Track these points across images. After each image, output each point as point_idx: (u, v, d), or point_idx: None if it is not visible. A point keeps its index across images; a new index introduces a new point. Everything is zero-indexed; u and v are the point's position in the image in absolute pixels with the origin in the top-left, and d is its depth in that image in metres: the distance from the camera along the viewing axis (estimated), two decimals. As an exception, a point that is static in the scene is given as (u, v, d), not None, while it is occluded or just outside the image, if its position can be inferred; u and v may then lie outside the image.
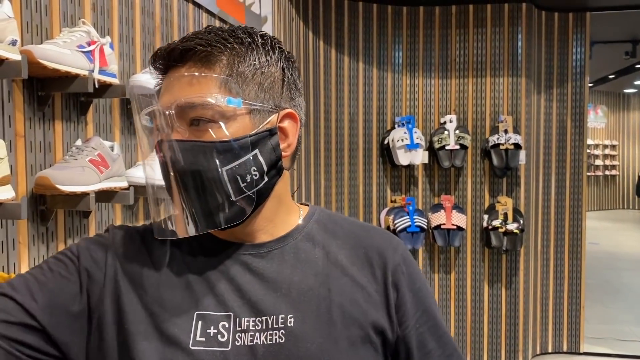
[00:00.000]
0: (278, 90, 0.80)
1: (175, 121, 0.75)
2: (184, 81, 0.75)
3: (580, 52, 4.25)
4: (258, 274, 0.79)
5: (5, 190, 1.18)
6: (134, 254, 0.81)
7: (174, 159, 0.74)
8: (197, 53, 0.76)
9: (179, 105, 0.75)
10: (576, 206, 4.32)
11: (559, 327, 4.36)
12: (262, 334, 0.75)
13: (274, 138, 0.79)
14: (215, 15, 2.39)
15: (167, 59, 0.77)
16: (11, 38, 1.17)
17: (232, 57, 0.77)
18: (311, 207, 0.90)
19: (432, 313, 0.86)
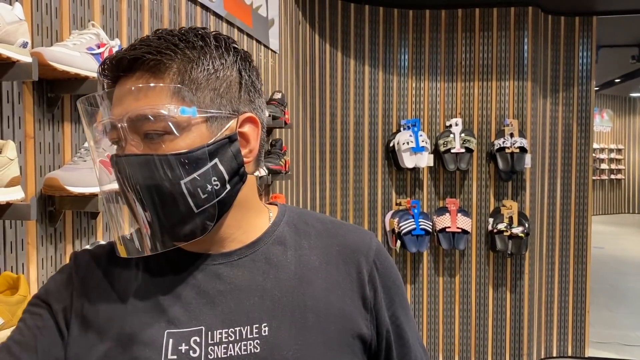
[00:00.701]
0: (235, 94, 0.76)
1: (129, 134, 0.72)
2: (134, 92, 0.72)
3: (587, 56, 4.24)
4: (229, 283, 0.77)
5: (15, 191, 1.19)
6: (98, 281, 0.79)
7: (130, 175, 0.71)
8: (146, 62, 0.72)
9: (130, 118, 0.71)
10: (582, 210, 4.31)
11: (563, 332, 4.35)
12: (236, 345, 0.73)
13: (234, 145, 0.75)
14: (222, 18, 2.40)
15: (116, 69, 0.73)
16: (22, 40, 1.19)
17: (184, 64, 0.73)
18: (280, 208, 0.87)
19: (406, 306, 0.87)
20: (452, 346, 4.13)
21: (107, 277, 0.80)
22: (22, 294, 1.22)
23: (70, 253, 0.85)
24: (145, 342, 0.73)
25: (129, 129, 0.71)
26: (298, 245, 0.82)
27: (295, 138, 3.36)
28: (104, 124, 0.74)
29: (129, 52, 0.72)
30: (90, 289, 0.79)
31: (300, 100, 3.48)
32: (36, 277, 1.38)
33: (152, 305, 0.76)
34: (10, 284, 1.24)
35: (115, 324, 0.75)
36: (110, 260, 0.81)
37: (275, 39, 3.00)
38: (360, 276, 0.81)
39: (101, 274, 0.80)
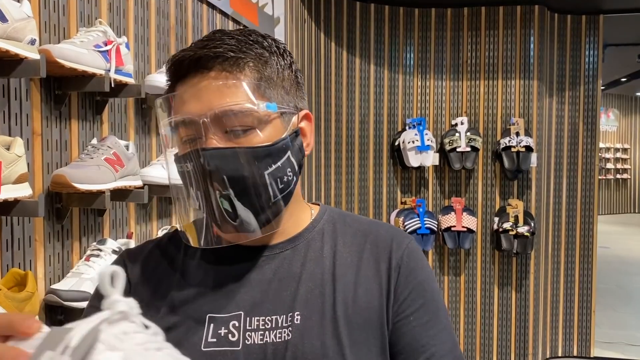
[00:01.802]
0: (295, 91, 0.82)
1: (211, 129, 0.74)
2: (216, 88, 0.74)
3: (593, 55, 4.22)
4: (270, 275, 0.81)
5: (22, 188, 1.19)
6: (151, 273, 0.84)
7: (218, 167, 0.73)
8: (227, 59, 0.75)
9: (217, 114, 0.73)
10: (587, 210, 4.30)
11: (569, 331, 4.33)
12: (271, 332, 0.77)
13: (299, 139, 0.81)
14: (228, 16, 2.40)
15: (195, 65, 0.75)
16: (30, 37, 1.19)
17: (258, 62, 0.77)
18: (322, 207, 0.91)
19: (433, 309, 0.83)
20: (457, 345, 4.12)
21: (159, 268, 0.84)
22: (30, 291, 1.23)
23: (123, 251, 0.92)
24: (189, 325, 0.77)
25: (212, 124, 0.74)
26: (334, 242, 0.85)
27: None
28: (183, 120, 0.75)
29: (210, 50, 0.74)
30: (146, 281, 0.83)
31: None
32: (43, 273, 1.38)
33: (199, 292, 0.80)
34: (17, 281, 1.25)
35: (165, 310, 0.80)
36: (163, 253, 0.86)
37: (280, 37, 3.00)
38: (388, 271, 0.83)
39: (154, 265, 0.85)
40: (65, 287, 1.36)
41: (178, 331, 0.77)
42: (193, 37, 2.12)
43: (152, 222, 1.87)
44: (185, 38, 2.07)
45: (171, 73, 0.78)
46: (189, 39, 2.09)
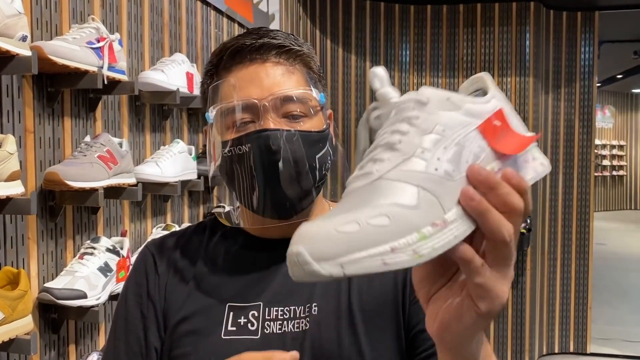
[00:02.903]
0: (325, 90, 0.87)
1: (271, 113, 0.78)
2: (277, 74, 0.79)
3: (589, 52, 4.22)
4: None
5: (14, 186, 1.19)
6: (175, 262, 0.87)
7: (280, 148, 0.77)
8: (285, 50, 0.80)
9: (278, 97, 0.78)
10: (583, 206, 4.30)
11: (565, 328, 4.34)
12: (290, 322, 0.79)
13: (331, 133, 0.85)
14: (223, 12, 2.40)
15: (255, 52, 0.79)
16: (21, 34, 1.18)
17: (308, 57, 0.83)
18: None
19: None
20: (453, 342, 4.12)
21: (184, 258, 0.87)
22: (23, 289, 1.22)
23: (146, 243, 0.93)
24: (209, 313, 0.80)
25: (272, 108, 0.78)
26: None
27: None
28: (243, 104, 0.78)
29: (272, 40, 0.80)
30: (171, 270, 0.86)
31: (302, 96, 3.47)
32: (37, 272, 1.37)
33: (220, 281, 0.83)
34: (10, 279, 1.24)
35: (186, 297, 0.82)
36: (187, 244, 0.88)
37: (276, 34, 2.99)
38: None
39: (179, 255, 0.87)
40: (59, 286, 1.35)
41: (199, 319, 0.80)
42: (187, 33, 2.11)
43: (146, 219, 1.86)
44: (179, 35, 2.06)
45: (228, 59, 0.80)
46: (182, 36, 2.09)
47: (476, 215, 0.45)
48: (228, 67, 0.81)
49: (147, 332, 0.83)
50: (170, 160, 1.77)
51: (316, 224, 0.42)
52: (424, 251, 0.42)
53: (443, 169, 0.45)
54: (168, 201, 1.98)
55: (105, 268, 1.45)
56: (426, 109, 0.47)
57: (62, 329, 1.45)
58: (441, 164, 0.45)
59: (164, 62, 1.80)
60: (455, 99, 0.48)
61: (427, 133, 0.46)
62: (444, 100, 0.48)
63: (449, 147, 0.46)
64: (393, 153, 0.46)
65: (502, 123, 0.49)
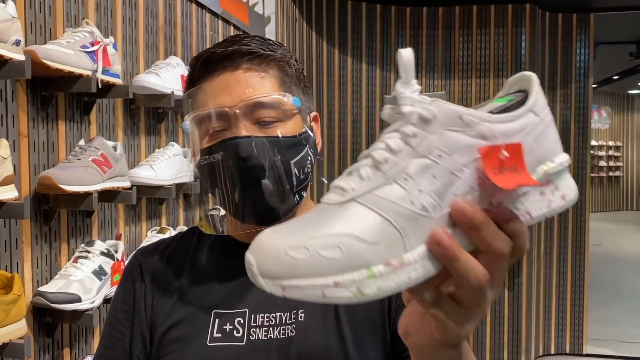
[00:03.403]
0: (306, 94, 0.86)
1: (243, 120, 0.78)
2: (246, 82, 0.78)
3: (584, 53, 4.24)
4: None
5: (8, 190, 1.19)
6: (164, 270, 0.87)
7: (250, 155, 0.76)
8: (256, 57, 0.80)
9: (247, 104, 0.77)
10: (579, 207, 4.31)
11: (561, 329, 4.35)
12: (275, 329, 0.79)
13: (312, 136, 0.85)
14: (218, 15, 2.40)
15: (226, 60, 0.79)
16: (15, 38, 1.18)
17: (283, 61, 0.82)
18: None
19: None
20: (450, 344, 4.13)
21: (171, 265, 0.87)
22: (16, 293, 1.22)
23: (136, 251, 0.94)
24: (194, 321, 0.81)
25: (243, 115, 0.77)
26: None
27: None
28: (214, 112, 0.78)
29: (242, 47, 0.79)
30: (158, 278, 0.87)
31: (298, 98, 3.47)
32: (31, 276, 1.37)
33: (206, 289, 0.83)
34: (4, 283, 1.24)
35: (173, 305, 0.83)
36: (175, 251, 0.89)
37: (272, 36, 2.99)
38: None
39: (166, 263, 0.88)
40: (53, 290, 1.35)
41: (185, 326, 0.81)
42: (182, 37, 2.12)
43: (141, 223, 1.86)
44: (174, 38, 2.06)
45: (199, 69, 0.81)
46: (177, 39, 2.09)
47: (443, 260, 0.41)
48: (202, 77, 0.81)
49: (132, 342, 0.84)
50: (165, 163, 1.78)
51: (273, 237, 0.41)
52: (368, 290, 0.39)
53: (421, 203, 0.41)
54: (163, 204, 1.98)
55: (99, 271, 1.45)
56: (429, 128, 0.42)
57: (56, 332, 1.45)
58: (421, 196, 0.41)
59: (159, 65, 1.80)
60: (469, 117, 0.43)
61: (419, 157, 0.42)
62: (455, 117, 0.43)
63: (439, 177, 0.42)
64: (375, 172, 0.42)
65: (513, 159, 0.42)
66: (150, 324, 0.84)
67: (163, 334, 0.82)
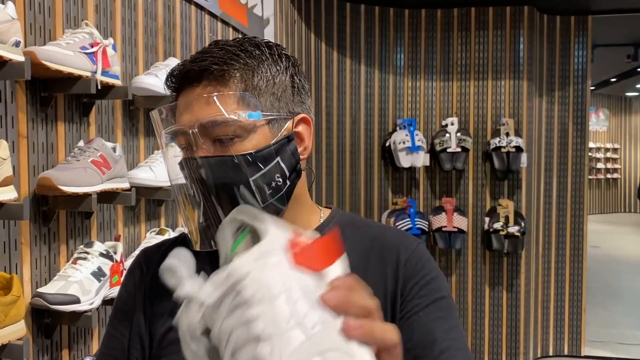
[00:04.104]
0: (290, 97, 0.84)
1: (200, 139, 0.78)
2: (203, 100, 0.78)
3: (582, 55, 4.25)
4: None
5: (7, 191, 1.19)
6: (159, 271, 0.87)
7: (205, 175, 0.78)
8: (212, 72, 0.78)
9: (202, 124, 0.77)
10: (578, 209, 4.32)
11: (560, 330, 4.35)
12: None
13: (292, 144, 0.83)
14: (217, 17, 2.40)
15: (183, 80, 0.80)
16: (15, 39, 1.18)
17: (245, 72, 0.80)
18: (333, 211, 0.94)
19: (445, 307, 0.84)
20: (448, 345, 4.13)
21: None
22: (15, 294, 1.22)
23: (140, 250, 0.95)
24: None
25: (200, 134, 0.78)
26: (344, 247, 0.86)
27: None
28: (176, 131, 0.80)
29: (197, 64, 0.79)
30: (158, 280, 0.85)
31: (296, 100, 3.47)
32: (30, 277, 1.37)
33: None
34: (3, 284, 1.24)
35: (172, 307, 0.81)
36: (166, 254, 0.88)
37: (270, 38, 2.99)
38: (395, 274, 0.84)
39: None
40: (52, 291, 1.35)
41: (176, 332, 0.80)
42: (181, 38, 2.12)
43: (140, 224, 1.86)
44: (173, 39, 2.06)
45: (169, 86, 0.83)
46: (177, 41, 2.09)
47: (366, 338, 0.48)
48: (173, 92, 0.83)
49: (131, 342, 0.85)
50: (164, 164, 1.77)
51: None
52: None
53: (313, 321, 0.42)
54: (162, 205, 1.98)
55: (98, 273, 1.45)
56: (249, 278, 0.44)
57: (55, 334, 1.45)
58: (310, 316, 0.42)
59: (158, 67, 1.80)
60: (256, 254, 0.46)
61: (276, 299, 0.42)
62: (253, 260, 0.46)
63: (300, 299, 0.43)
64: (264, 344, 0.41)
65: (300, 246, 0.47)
66: (149, 325, 0.84)
67: (163, 335, 0.82)
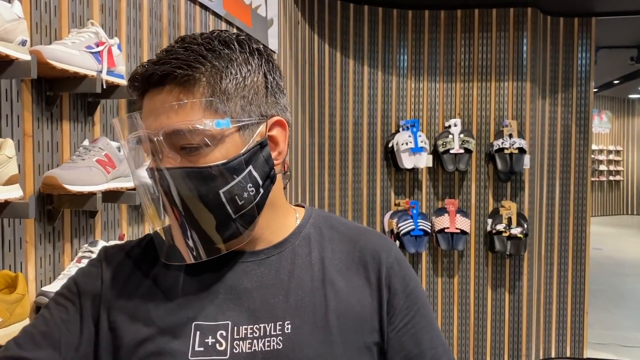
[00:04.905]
0: (262, 98, 0.77)
1: (165, 148, 0.73)
2: (168, 106, 0.73)
3: (586, 57, 4.24)
4: (256, 281, 0.80)
5: (13, 190, 1.19)
6: (128, 274, 0.82)
7: (169, 186, 0.73)
8: (177, 77, 0.72)
9: (166, 132, 0.72)
10: (580, 211, 4.31)
11: (562, 333, 4.35)
12: (260, 341, 0.76)
13: (265, 150, 0.77)
14: (222, 17, 2.40)
15: (147, 83, 0.74)
16: (21, 38, 1.18)
17: (213, 75, 0.74)
18: (307, 210, 0.90)
19: (426, 314, 0.86)
20: (450, 347, 4.13)
21: (137, 270, 0.82)
22: (20, 293, 1.22)
23: (100, 248, 0.89)
24: (173, 333, 0.76)
25: (165, 142, 0.73)
26: (322, 248, 0.84)
27: (294, 138, 3.36)
28: (140, 137, 0.75)
29: (160, 67, 0.73)
30: (121, 282, 0.81)
31: (299, 101, 3.47)
32: (34, 275, 1.38)
33: (182, 298, 0.79)
34: (8, 283, 1.24)
35: (144, 315, 0.78)
36: (141, 255, 0.84)
37: (274, 39, 3.00)
38: (378, 282, 0.83)
39: (131, 267, 0.82)
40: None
41: (164, 339, 0.76)
42: (186, 38, 2.12)
43: (144, 223, 1.86)
44: (178, 39, 2.07)
45: (131, 88, 0.77)
46: (181, 41, 2.09)
47: None
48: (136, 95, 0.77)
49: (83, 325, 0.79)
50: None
51: None
52: None
53: None
54: (166, 205, 1.98)
55: (102, 272, 1.45)
56: None
57: (59, 332, 1.45)
58: None
59: (163, 67, 1.80)
60: None
61: None
62: None
63: None
64: None
65: None
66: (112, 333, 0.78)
67: (136, 346, 0.76)
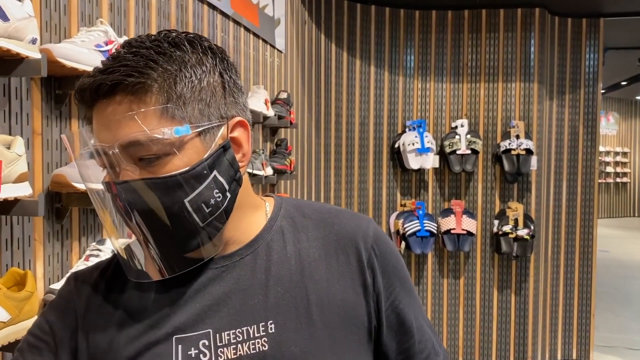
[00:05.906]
0: (221, 99, 0.74)
1: (122, 160, 0.69)
2: (121, 117, 0.69)
3: (593, 58, 4.23)
4: (232, 285, 0.77)
5: (22, 188, 1.19)
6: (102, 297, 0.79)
7: (129, 201, 0.69)
8: (128, 85, 0.68)
9: (122, 144, 0.68)
10: (587, 213, 4.30)
11: (568, 335, 4.33)
12: (244, 345, 0.74)
13: (229, 152, 0.74)
14: (229, 17, 2.40)
15: (95, 95, 0.69)
16: (31, 37, 1.19)
17: (166, 80, 0.69)
18: (277, 200, 0.87)
19: (408, 288, 0.85)
20: (456, 348, 4.12)
21: (110, 293, 0.80)
22: (29, 290, 1.22)
23: (68, 275, 0.85)
24: (155, 352, 0.73)
25: (122, 154, 0.69)
26: (297, 239, 0.82)
27: (300, 138, 3.36)
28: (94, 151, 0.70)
29: (108, 77, 0.68)
30: (96, 309, 0.79)
31: (306, 100, 3.47)
32: (43, 273, 1.38)
33: (159, 313, 0.76)
34: (17, 280, 1.24)
35: (123, 339, 0.75)
36: (113, 276, 0.81)
37: (281, 38, 3.00)
38: (360, 264, 0.80)
39: (103, 291, 0.80)
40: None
41: (144, 356, 0.74)
42: (194, 37, 2.12)
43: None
44: (186, 39, 2.07)
45: (79, 101, 0.72)
46: (189, 40, 2.09)
47: None
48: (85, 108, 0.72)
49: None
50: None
51: None
52: None
53: None
54: (173, 204, 1.98)
55: (110, 270, 1.45)
56: None
57: (67, 330, 1.45)
58: None
59: (171, 66, 1.81)
60: None
61: None
62: None
63: None
64: None
65: None
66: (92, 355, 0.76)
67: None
